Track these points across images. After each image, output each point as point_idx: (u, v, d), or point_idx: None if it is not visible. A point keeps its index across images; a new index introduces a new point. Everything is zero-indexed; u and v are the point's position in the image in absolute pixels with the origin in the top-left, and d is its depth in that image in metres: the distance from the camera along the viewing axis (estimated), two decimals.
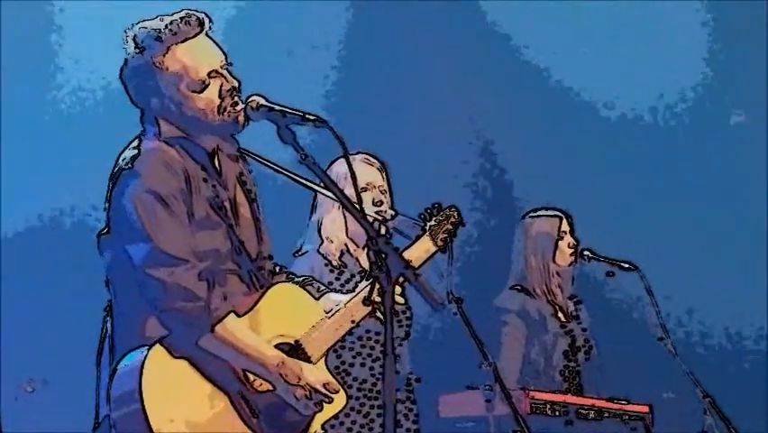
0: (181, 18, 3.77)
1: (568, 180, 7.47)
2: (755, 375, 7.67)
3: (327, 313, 3.96)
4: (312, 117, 3.68)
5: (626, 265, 5.89)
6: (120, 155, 3.78)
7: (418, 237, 4.36)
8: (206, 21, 3.81)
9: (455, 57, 7.65)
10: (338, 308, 3.98)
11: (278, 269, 4.00)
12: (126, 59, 3.80)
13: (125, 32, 3.80)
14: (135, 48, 3.76)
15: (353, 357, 5.10)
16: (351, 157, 3.68)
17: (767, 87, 7.91)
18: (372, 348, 5.12)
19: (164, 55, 3.74)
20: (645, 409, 5.72)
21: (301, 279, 4.10)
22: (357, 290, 4.06)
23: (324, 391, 3.75)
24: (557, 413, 5.48)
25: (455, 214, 4.42)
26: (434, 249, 4.33)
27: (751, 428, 5.88)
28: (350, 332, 4.04)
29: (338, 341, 4.00)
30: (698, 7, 8.06)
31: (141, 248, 3.63)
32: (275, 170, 4.03)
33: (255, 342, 3.71)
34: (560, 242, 6.06)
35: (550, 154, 7.64)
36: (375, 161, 5.23)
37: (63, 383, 6.19)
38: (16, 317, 6.51)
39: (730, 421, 5.59)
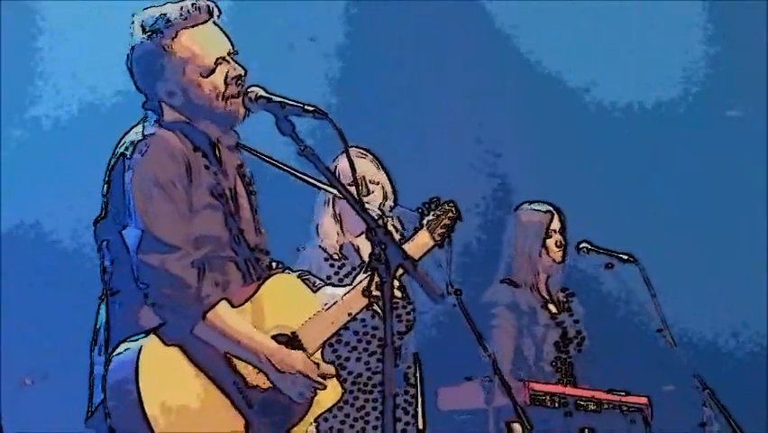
0: (191, 4, 3.78)
1: (568, 176, 7.47)
2: (755, 372, 7.67)
3: (325, 306, 3.96)
4: (311, 108, 3.69)
5: (625, 257, 5.88)
6: (120, 140, 3.79)
7: (416, 231, 4.37)
8: (215, 10, 3.83)
9: (457, 52, 7.66)
10: (335, 300, 3.98)
11: (274, 265, 4.00)
12: (133, 45, 3.80)
13: (133, 16, 3.81)
14: (143, 33, 3.77)
15: (349, 351, 5.12)
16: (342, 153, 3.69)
17: (767, 83, 7.91)
18: (369, 343, 5.14)
19: (172, 39, 3.75)
20: (644, 400, 5.73)
21: (297, 273, 4.11)
22: (354, 283, 4.06)
23: (316, 377, 3.74)
24: (556, 405, 5.48)
25: (453, 209, 4.43)
26: (431, 243, 4.34)
27: (751, 427, 5.88)
28: (346, 326, 4.06)
29: (334, 334, 4.00)
30: (698, 6, 8.07)
31: (136, 233, 3.63)
32: (273, 164, 4.04)
33: (247, 330, 3.70)
34: (548, 240, 6.07)
35: (550, 149, 7.65)
36: (367, 153, 5.24)
37: (63, 379, 6.19)
38: (16, 313, 6.52)
39: (730, 413, 5.60)
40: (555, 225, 6.09)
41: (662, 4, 7.87)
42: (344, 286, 4.18)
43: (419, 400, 5.20)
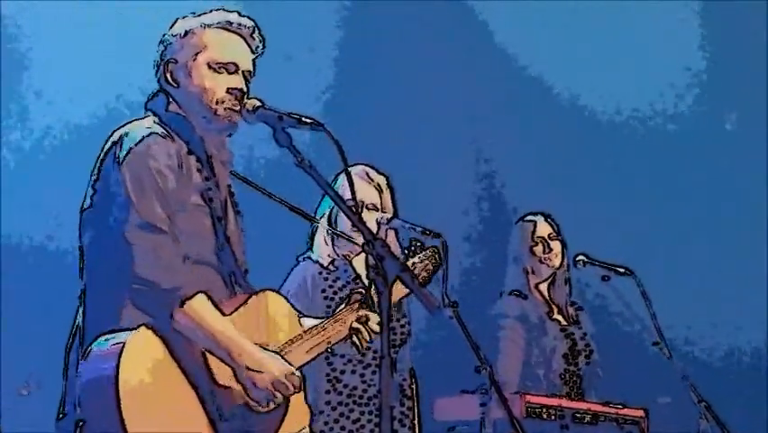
0: (232, 15, 3.90)
1: (565, 187, 7.48)
2: (752, 384, 7.67)
3: (306, 331, 3.94)
4: (308, 121, 3.69)
5: (622, 270, 5.89)
6: (114, 131, 3.78)
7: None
8: (256, 34, 3.93)
9: (453, 60, 7.67)
10: (316, 329, 3.97)
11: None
12: (165, 40, 3.90)
13: (177, 19, 3.92)
14: (177, 26, 3.88)
15: (344, 364, 5.13)
16: (350, 168, 3.69)
17: (767, 87, 7.92)
18: (363, 355, 5.13)
19: (200, 28, 3.87)
20: (641, 413, 5.73)
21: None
22: (335, 313, 4.09)
23: (285, 381, 3.68)
24: (552, 417, 5.48)
25: (437, 255, 4.53)
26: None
27: None
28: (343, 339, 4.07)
29: (311, 360, 3.93)
30: (697, 7, 8.08)
31: (124, 214, 3.61)
32: (261, 192, 4.05)
33: (223, 325, 3.65)
34: (534, 247, 6.08)
35: (546, 159, 7.66)
36: (374, 177, 5.25)
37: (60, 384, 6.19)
38: (16, 318, 6.52)
39: (726, 426, 5.59)
40: (541, 231, 6.11)
41: (662, 6, 7.88)
42: (339, 299, 4.19)
43: (416, 412, 5.21)
